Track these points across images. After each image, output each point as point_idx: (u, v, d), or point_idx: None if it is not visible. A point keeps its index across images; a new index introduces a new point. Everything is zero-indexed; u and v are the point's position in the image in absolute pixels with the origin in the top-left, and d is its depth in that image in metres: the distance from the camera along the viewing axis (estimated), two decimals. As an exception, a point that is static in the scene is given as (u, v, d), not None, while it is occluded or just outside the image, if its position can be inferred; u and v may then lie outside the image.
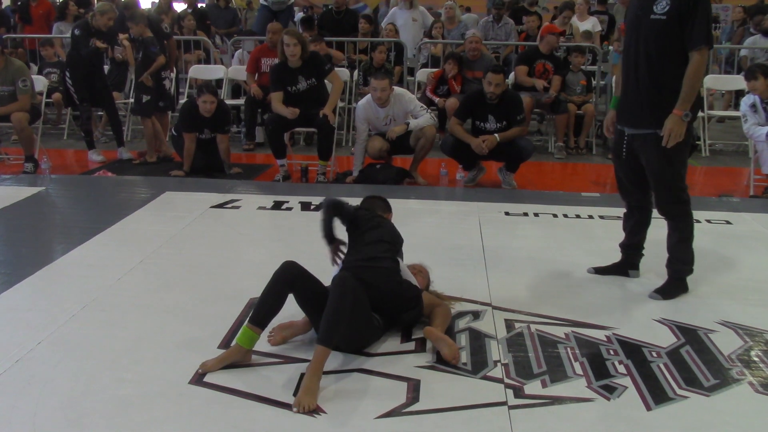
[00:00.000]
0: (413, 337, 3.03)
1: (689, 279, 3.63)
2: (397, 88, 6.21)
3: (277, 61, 7.34)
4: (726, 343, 3.02)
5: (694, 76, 3.20)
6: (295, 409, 2.48)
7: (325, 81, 6.29)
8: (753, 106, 5.88)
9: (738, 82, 8.42)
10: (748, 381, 2.72)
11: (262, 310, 2.84)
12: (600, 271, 3.81)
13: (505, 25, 9.10)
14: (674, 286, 3.55)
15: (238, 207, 5.12)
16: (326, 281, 3.54)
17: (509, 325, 3.17)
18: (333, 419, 2.42)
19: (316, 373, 2.59)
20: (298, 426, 2.39)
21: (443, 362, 2.81)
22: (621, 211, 4.97)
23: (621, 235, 3.80)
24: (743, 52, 9.22)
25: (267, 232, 4.72)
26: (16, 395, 2.54)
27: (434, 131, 6.13)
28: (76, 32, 6.80)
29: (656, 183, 3.44)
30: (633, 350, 2.94)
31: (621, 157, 3.55)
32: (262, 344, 2.93)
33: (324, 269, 3.59)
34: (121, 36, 6.82)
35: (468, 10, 12.26)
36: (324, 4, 11.22)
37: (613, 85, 3.43)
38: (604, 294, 3.57)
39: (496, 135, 5.70)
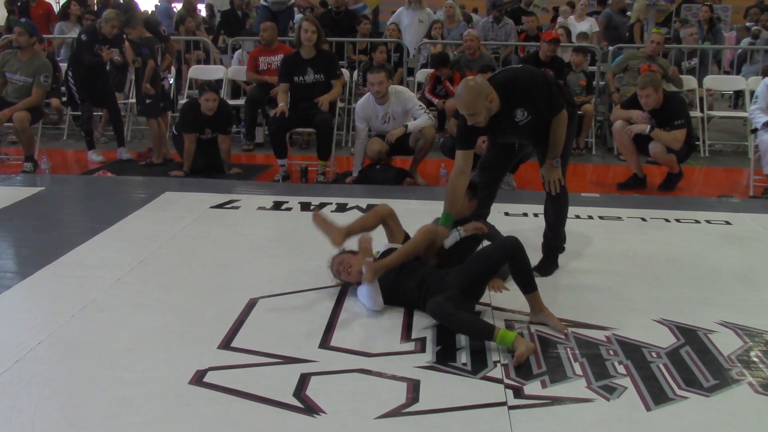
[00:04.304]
0: (413, 337, 3.04)
1: (690, 279, 3.69)
2: (396, 86, 6.21)
3: (275, 58, 7.38)
4: (726, 344, 3.02)
5: (557, 132, 3.57)
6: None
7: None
8: None
9: (737, 82, 8.45)
10: (747, 381, 2.72)
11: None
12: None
13: (504, 25, 9.11)
14: (551, 264, 3.85)
15: (237, 207, 5.12)
16: (322, 282, 3.56)
17: (509, 325, 3.16)
18: (332, 419, 2.42)
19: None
20: (297, 426, 2.39)
21: (443, 362, 2.81)
22: (621, 212, 5.05)
23: (620, 235, 3.81)
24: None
25: (267, 233, 4.72)
26: (16, 395, 2.54)
27: (434, 132, 6.13)
28: (83, 37, 6.85)
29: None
30: (633, 350, 2.94)
31: (509, 146, 3.89)
32: (261, 344, 2.94)
33: (322, 269, 3.60)
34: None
35: (475, 11, 12.25)
36: (323, 3, 11.22)
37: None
38: (604, 294, 3.57)
39: (495, 136, 5.70)
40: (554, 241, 3.89)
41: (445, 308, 2.96)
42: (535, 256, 3.87)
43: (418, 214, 4.77)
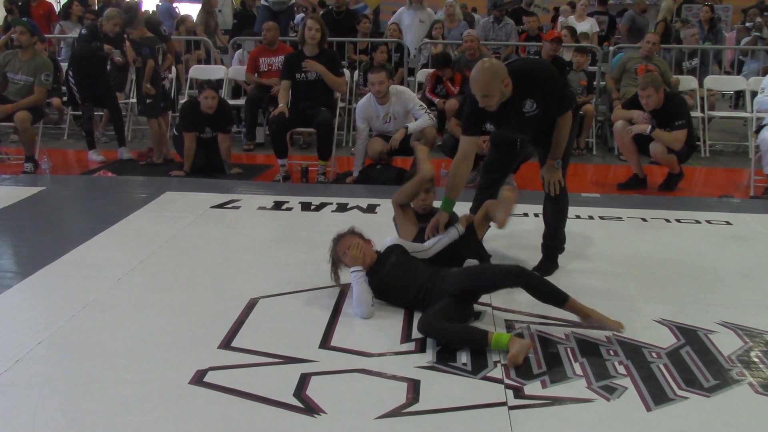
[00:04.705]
0: (413, 337, 3.03)
1: (690, 279, 3.71)
2: (397, 86, 6.20)
3: (276, 59, 7.39)
4: (726, 344, 3.01)
5: (562, 132, 3.58)
6: None
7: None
8: None
9: (737, 82, 8.45)
10: (748, 382, 2.72)
11: None
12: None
13: (505, 25, 9.11)
14: (551, 264, 3.85)
15: (238, 207, 5.12)
16: (322, 282, 3.57)
17: (509, 325, 3.17)
18: (333, 419, 2.42)
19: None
20: (298, 426, 2.39)
21: (443, 362, 2.81)
22: (621, 212, 5.05)
23: (621, 235, 3.81)
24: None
25: (267, 233, 4.72)
26: (17, 395, 2.54)
27: (434, 132, 6.12)
28: (83, 32, 6.91)
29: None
30: (633, 351, 2.93)
31: (511, 147, 3.92)
32: (262, 344, 2.94)
33: (323, 269, 3.60)
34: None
35: (474, 10, 12.26)
36: (321, 3, 11.22)
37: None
38: (604, 294, 3.57)
39: (496, 136, 5.69)
40: (553, 242, 3.89)
41: (434, 326, 2.96)
42: (535, 256, 3.88)
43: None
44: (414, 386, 2.63)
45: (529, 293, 3.13)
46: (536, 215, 4.81)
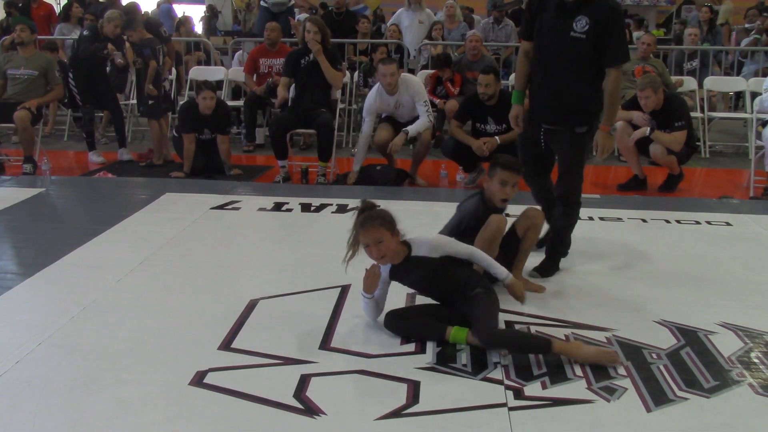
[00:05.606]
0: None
1: (690, 280, 3.72)
2: (405, 74, 6.18)
3: (277, 61, 7.39)
4: (726, 345, 3.01)
5: (615, 92, 3.50)
6: None
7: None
8: None
9: (737, 83, 8.45)
10: (748, 382, 2.72)
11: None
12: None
13: (505, 26, 9.12)
14: (552, 265, 3.83)
15: (238, 208, 5.12)
16: (322, 283, 3.57)
17: (509, 326, 3.17)
18: (333, 420, 2.42)
19: None
20: (298, 427, 2.39)
21: (443, 363, 2.81)
22: (621, 213, 5.05)
23: (620, 236, 3.81)
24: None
25: (267, 234, 4.73)
26: (17, 396, 2.54)
27: (429, 136, 6.10)
28: (84, 33, 6.94)
29: (565, 170, 3.74)
30: (633, 352, 2.93)
31: (536, 147, 3.78)
32: (262, 345, 2.94)
33: (323, 270, 3.60)
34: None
35: (471, 11, 12.25)
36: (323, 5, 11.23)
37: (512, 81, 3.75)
38: (604, 295, 3.57)
39: (496, 137, 5.71)
40: (558, 246, 3.87)
41: (394, 324, 3.03)
42: (535, 257, 3.88)
43: (419, 216, 4.78)
44: (414, 387, 2.63)
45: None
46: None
